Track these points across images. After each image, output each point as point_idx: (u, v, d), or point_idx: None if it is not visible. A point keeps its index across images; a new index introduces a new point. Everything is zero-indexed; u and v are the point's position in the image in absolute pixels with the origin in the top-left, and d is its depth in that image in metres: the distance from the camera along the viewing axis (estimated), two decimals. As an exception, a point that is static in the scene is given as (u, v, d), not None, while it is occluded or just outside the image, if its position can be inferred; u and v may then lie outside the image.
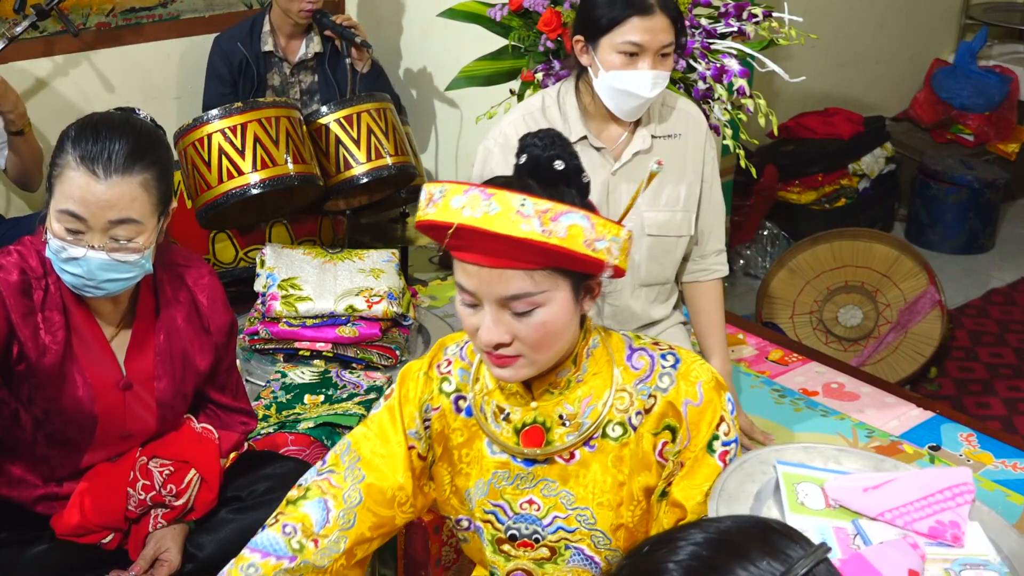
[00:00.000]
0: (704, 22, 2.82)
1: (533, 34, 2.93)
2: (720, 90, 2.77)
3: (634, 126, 2.42)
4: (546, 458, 1.60)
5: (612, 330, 1.64)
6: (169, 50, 3.84)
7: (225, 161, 3.01)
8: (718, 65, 2.75)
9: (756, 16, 2.81)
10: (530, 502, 1.62)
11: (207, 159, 3.02)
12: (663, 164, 2.45)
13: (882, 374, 3.73)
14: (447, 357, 1.69)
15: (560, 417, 1.57)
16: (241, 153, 3.01)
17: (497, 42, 3.03)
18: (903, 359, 3.93)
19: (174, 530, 2.04)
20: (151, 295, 1.99)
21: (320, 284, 2.99)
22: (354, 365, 2.94)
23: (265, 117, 3.06)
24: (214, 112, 3.06)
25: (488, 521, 1.66)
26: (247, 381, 2.86)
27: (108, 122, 1.81)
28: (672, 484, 1.58)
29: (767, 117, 2.82)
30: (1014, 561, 1.53)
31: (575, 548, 1.63)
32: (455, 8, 3.11)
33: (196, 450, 2.06)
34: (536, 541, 1.64)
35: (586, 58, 2.33)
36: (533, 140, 1.47)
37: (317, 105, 3.55)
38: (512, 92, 3.02)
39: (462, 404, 1.65)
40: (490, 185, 1.41)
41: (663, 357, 1.59)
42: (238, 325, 2.16)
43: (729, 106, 2.82)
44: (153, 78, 3.80)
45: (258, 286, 3.07)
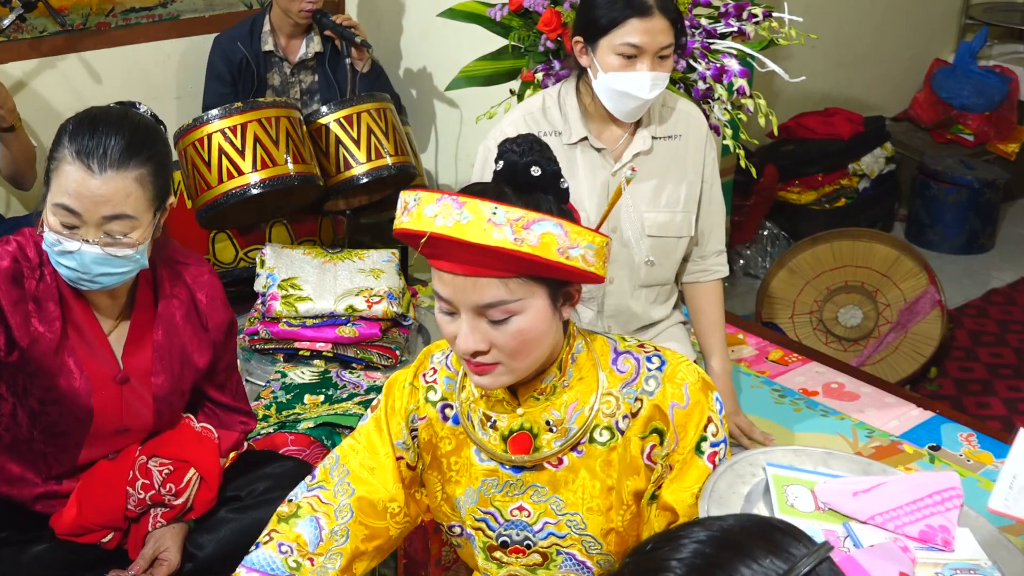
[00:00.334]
0: (704, 22, 2.82)
1: (533, 34, 2.93)
2: (720, 90, 2.77)
3: (634, 127, 2.42)
4: (534, 464, 1.59)
5: (597, 333, 1.64)
6: (169, 50, 3.84)
7: (225, 161, 3.01)
8: (718, 65, 2.75)
9: (756, 16, 2.80)
10: (520, 508, 1.62)
11: (207, 159, 3.02)
12: (665, 166, 2.47)
13: (882, 374, 3.73)
14: (433, 365, 1.68)
15: (547, 423, 1.57)
16: (241, 153, 3.01)
17: (497, 42, 3.03)
18: (903, 359, 3.93)
19: (173, 529, 2.04)
20: (150, 290, 1.99)
21: (320, 284, 2.99)
22: (354, 365, 2.94)
23: (265, 117, 3.06)
24: (214, 112, 3.06)
25: (479, 528, 1.66)
26: (247, 381, 2.86)
27: (105, 117, 1.82)
28: (662, 487, 1.58)
29: (767, 117, 2.82)
30: (1003, 568, 1.53)
31: (567, 554, 1.63)
32: (455, 8, 3.10)
33: (195, 449, 2.06)
34: (528, 547, 1.64)
35: (585, 59, 2.33)
36: (511, 146, 1.46)
37: (317, 105, 3.55)
38: (512, 92, 3.01)
39: (449, 412, 1.65)
40: (463, 193, 1.41)
41: (648, 360, 1.59)
42: (238, 325, 2.16)
43: (729, 106, 2.82)
44: (153, 78, 3.80)
45: (258, 286, 3.07)
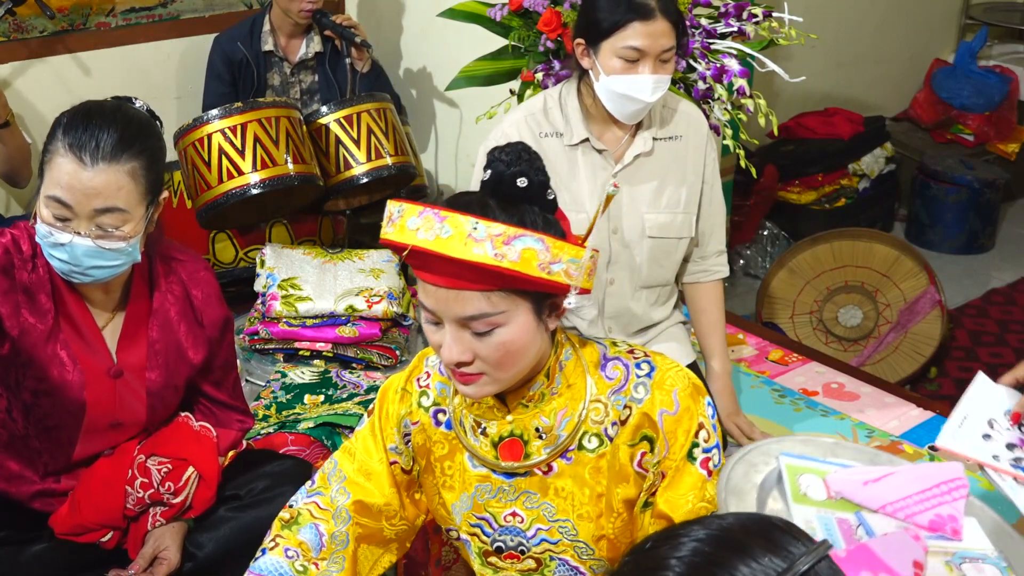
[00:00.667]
0: (704, 22, 2.82)
1: (533, 34, 2.93)
2: (720, 90, 2.77)
3: (635, 128, 2.42)
4: (525, 471, 1.59)
5: (588, 339, 1.63)
6: (169, 50, 3.84)
7: (225, 161, 3.02)
8: (718, 65, 2.75)
9: (756, 16, 2.80)
10: (513, 514, 1.62)
11: (207, 159, 3.03)
12: (666, 168, 2.47)
13: (882, 374, 3.73)
14: (427, 369, 1.69)
15: (536, 430, 1.57)
16: (241, 153, 3.01)
17: (497, 42, 3.03)
18: (903, 359, 3.93)
19: (173, 528, 2.05)
20: (144, 285, 2.00)
21: (320, 284, 2.99)
22: (354, 365, 2.94)
23: (265, 117, 3.07)
24: (214, 112, 3.06)
25: (474, 534, 1.66)
26: (247, 381, 2.86)
27: (99, 110, 1.83)
28: (656, 495, 1.57)
29: (767, 117, 2.82)
30: (1010, 558, 1.55)
31: (560, 559, 1.63)
32: (455, 8, 3.10)
33: (194, 448, 2.07)
34: (522, 553, 1.64)
35: (587, 61, 2.32)
36: (499, 155, 1.45)
37: (317, 105, 3.55)
38: (512, 92, 3.02)
39: (441, 417, 1.65)
40: (445, 207, 1.40)
41: (638, 366, 1.58)
42: (235, 324, 2.16)
43: (729, 106, 2.82)
44: (153, 78, 3.80)
45: (258, 286, 3.07)
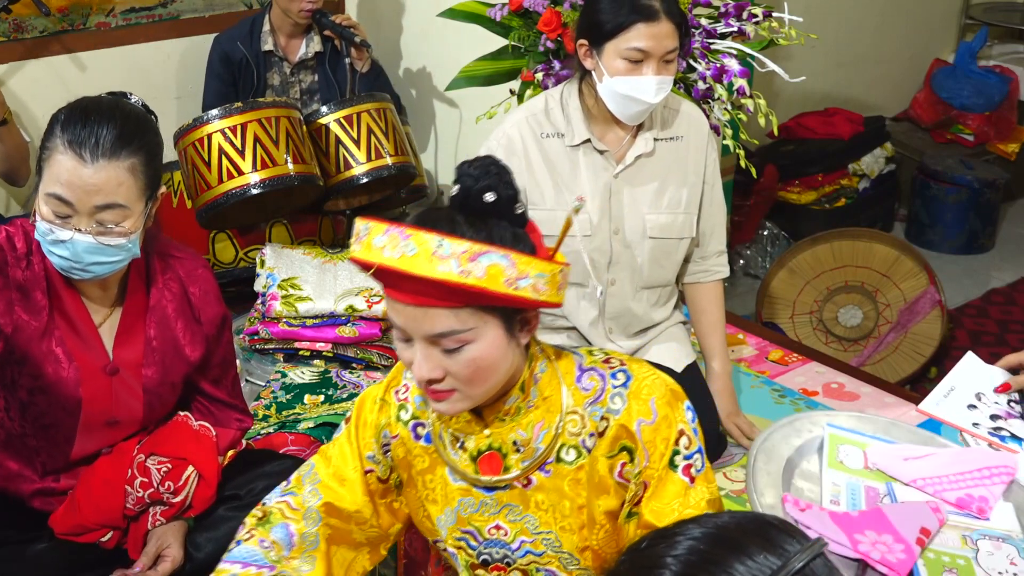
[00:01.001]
0: (704, 22, 2.82)
1: (533, 34, 2.93)
2: (720, 90, 2.77)
3: (636, 129, 2.42)
4: (505, 484, 1.59)
5: (563, 348, 1.62)
6: (169, 50, 3.85)
7: (225, 161, 3.02)
8: (718, 65, 2.76)
9: (756, 16, 2.81)
10: (497, 527, 1.62)
11: (207, 159, 3.03)
12: (667, 168, 2.47)
13: (882, 374, 3.73)
14: (405, 381, 1.68)
15: (514, 443, 1.56)
16: (241, 153, 3.02)
17: (497, 42, 3.03)
18: (903, 359, 3.93)
19: (175, 527, 2.05)
20: (141, 282, 2.00)
21: (320, 284, 2.99)
22: (354, 365, 2.94)
23: (265, 117, 3.07)
24: (214, 112, 3.06)
25: (460, 547, 1.66)
26: (247, 381, 2.86)
27: (97, 107, 1.83)
28: (640, 505, 1.56)
29: (767, 117, 2.82)
30: None
31: (546, 570, 1.63)
32: (455, 8, 3.11)
33: (193, 447, 2.07)
34: (508, 565, 1.64)
35: (590, 62, 2.32)
36: (468, 169, 1.44)
37: (317, 105, 3.55)
38: (512, 92, 3.02)
39: (421, 431, 1.65)
40: (410, 225, 1.39)
41: (613, 376, 1.57)
42: (235, 324, 2.16)
43: (729, 106, 2.82)
44: (153, 78, 3.80)
45: (258, 286, 3.08)
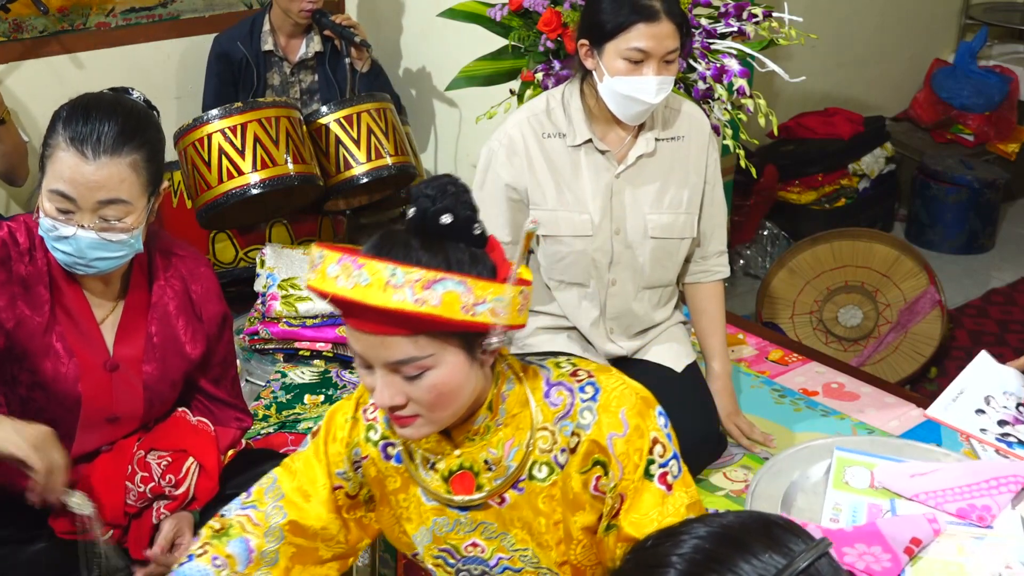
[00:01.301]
0: (704, 22, 2.82)
1: (533, 34, 2.93)
2: (720, 90, 2.77)
3: (638, 129, 2.42)
4: (479, 503, 1.57)
5: (531, 363, 1.59)
6: (169, 50, 3.85)
7: (225, 161, 3.02)
8: (718, 65, 2.76)
9: (756, 16, 2.81)
10: (474, 545, 1.61)
11: (207, 159, 3.03)
12: (669, 168, 2.47)
13: (882, 374, 3.73)
14: (372, 400, 1.65)
15: (486, 462, 1.54)
16: (241, 153, 3.02)
17: (497, 42, 3.03)
18: (903, 359, 3.93)
19: (186, 517, 2.05)
20: (144, 278, 2.01)
21: (320, 284, 2.99)
22: (354, 365, 2.94)
23: (265, 117, 3.07)
24: (214, 112, 3.06)
25: (439, 564, 1.65)
26: (247, 381, 2.86)
27: (98, 103, 1.84)
28: (619, 518, 1.54)
29: (767, 117, 2.82)
30: None
31: None
32: (455, 8, 3.11)
33: (193, 439, 2.07)
34: None
35: (590, 62, 2.32)
36: (424, 190, 1.42)
37: (317, 105, 3.55)
38: (512, 92, 3.02)
39: (391, 451, 1.63)
40: (363, 255, 1.38)
41: (582, 389, 1.55)
42: (235, 324, 2.17)
43: (729, 106, 2.82)
44: (153, 78, 3.80)
45: (258, 286, 3.08)
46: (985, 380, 2.00)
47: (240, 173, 3.01)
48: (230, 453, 2.21)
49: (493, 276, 1.42)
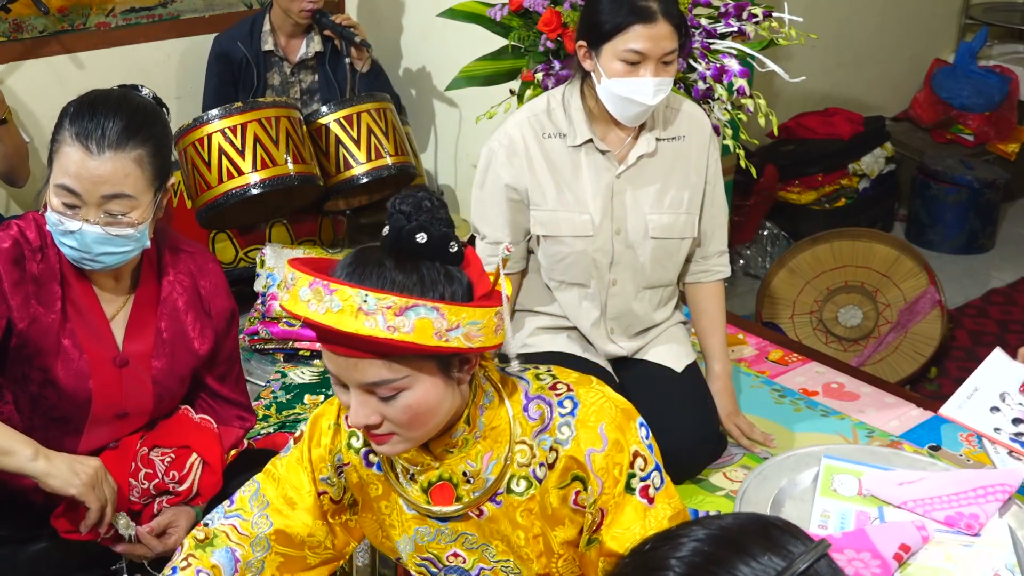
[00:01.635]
0: (704, 22, 2.82)
1: (533, 34, 2.93)
2: (720, 90, 2.77)
3: (639, 129, 2.42)
4: (459, 515, 1.57)
5: (511, 375, 1.58)
6: (169, 50, 3.85)
7: (225, 161, 3.02)
8: (718, 65, 2.76)
9: (756, 16, 2.81)
10: (455, 555, 1.60)
11: (207, 159, 3.03)
12: (669, 168, 2.47)
13: (882, 374, 3.73)
14: (347, 420, 1.64)
15: (464, 474, 1.54)
16: (241, 153, 3.02)
17: (497, 42, 3.03)
18: (903, 359, 3.93)
19: (186, 511, 2.05)
20: (153, 274, 2.01)
21: (320, 284, 2.99)
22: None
23: (265, 117, 3.07)
24: (214, 112, 3.06)
25: (421, 573, 1.65)
26: (247, 381, 2.85)
27: (105, 99, 1.86)
28: (600, 532, 1.53)
29: (767, 117, 2.82)
30: None
31: None
32: (455, 8, 3.11)
33: (195, 435, 2.08)
34: None
35: (589, 63, 2.32)
36: (399, 206, 1.40)
37: (317, 105, 3.55)
38: (512, 92, 3.02)
39: (372, 459, 1.62)
40: (335, 280, 1.36)
41: (560, 403, 1.53)
42: (239, 319, 2.17)
43: (729, 106, 2.82)
44: (153, 78, 3.79)
45: (258, 286, 3.08)
46: (1000, 377, 1.98)
47: (240, 173, 3.01)
48: (232, 453, 2.21)
49: (469, 295, 1.41)
